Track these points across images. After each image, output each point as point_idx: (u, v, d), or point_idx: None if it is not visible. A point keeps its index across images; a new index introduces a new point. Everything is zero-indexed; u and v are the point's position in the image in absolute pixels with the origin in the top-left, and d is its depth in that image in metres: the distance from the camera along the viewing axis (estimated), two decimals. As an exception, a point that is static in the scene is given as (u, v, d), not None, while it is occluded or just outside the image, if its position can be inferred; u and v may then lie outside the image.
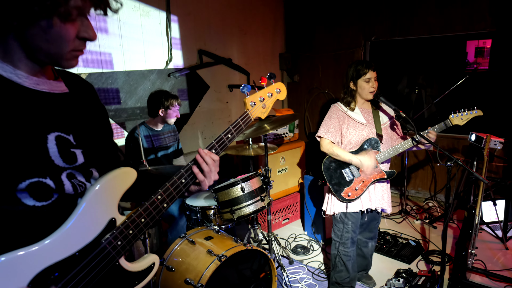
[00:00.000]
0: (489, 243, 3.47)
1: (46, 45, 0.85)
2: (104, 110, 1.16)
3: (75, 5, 0.83)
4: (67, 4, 0.82)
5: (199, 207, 2.71)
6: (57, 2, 0.80)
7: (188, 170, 1.13)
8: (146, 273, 1.08)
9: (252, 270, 2.32)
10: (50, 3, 0.79)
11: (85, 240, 0.93)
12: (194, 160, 1.15)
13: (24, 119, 0.87)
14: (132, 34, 3.64)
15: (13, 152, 0.84)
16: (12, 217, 0.85)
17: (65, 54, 0.88)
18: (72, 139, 0.96)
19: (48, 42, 0.84)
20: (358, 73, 2.43)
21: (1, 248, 0.82)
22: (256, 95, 1.30)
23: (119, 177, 1.00)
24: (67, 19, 0.84)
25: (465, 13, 3.99)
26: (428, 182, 4.69)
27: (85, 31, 0.88)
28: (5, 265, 0.81)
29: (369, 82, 2.43)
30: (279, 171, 4.09)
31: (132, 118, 3.71)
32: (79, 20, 0.87)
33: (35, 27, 0.82)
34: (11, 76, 0.87)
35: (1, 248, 0.82)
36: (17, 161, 0.84)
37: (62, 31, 0.84)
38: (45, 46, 0.85)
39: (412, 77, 5.62)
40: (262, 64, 5.25)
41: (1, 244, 0.83)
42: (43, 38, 0.83)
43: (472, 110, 2.43)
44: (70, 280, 0.90)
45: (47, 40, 0.84)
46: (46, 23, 0.82)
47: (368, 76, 2.42)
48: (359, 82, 2.45)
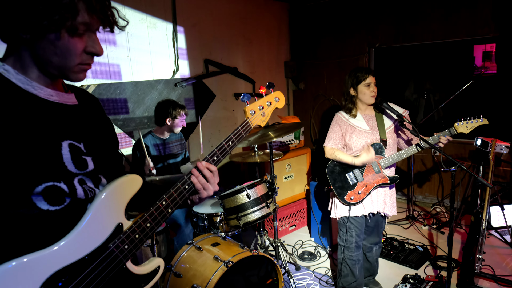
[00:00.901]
0: (497, 248, 3.44)
1: (55, 58, 0.90)
2: (109, 122, 1.22)
3: (82, 21, 0.89)
4: (74, 20, 0.88)
5: (206, 214, 2.75)
6: (65, 17, 0.86)
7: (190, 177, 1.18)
8: (152, 276, 1.12)
9: (258, 277, 2.34)
10: (58, 18, 0.85)
11: (94, 244, 0.97)
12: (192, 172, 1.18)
13: (40, 126, 0.93)
14: (140, 46, 3.73)
15: (31, 157, 0.89)
16: (27, 221, 0.90)
17: (73, 67, 0.94)
18: (82, 147, 1.02)
19: (56, 55, 0.90)
20: (358, 79, 2.49)
21: (15, 251, 0.86)
22: (256, 104, 1.34)
23: (126, 184, 1.05)
24: (74, 34, 0.90)
25: (469, 19, 4.01)
26: (436, 187, 4.67)
27: (92, 46, 0.94)
28: (18, 269, 0.85)
29: (369, 87, 2.49)
30: (285, 178, 4.12)
31: (140, 127, 3.79)
32: (86, 35, 0.93)
33: (45, 40, 0.88)
34: (28, 87, 0.93)
35: (15, 251, 0.86)
36: (35, 165, 0.90)
37: (69, 45, 0.90)
38: (54, 59, 0.91)
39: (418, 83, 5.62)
40: (267, 72, 5.31)
41: (16, 247, 0.88)
42: (52, 51, 0.89)
43: (478, 119, 2.40)
44: (80, 283, 0.94)
45: (56, 53, 0.90)
46: (55, 36, 0.88)
47: (368, 81, 2.48)
48: (359, 87, 2.50)
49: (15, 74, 0.91)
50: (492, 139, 3.23)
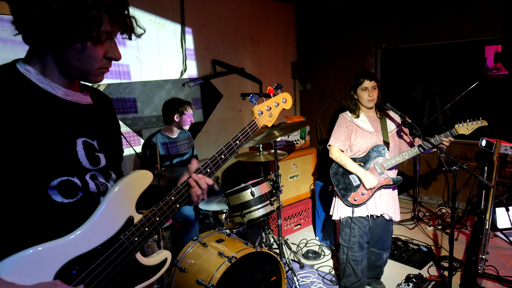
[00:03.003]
0: (502, 249, 3.45)
1: (78, 63, 0.97)
2: (117, 122, 1.28)
3: (105, 30, 0.96)
4: (99, 29, 0.94)
5: (211, 211, 2.81)
6: (91, 28, 0.92)
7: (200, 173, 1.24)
8: (159, 267, 1.18)
9: (263, 274, 2.40)
10: (85, 29, 0.92)
11: (106, 235, 1.04)
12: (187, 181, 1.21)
13: (57, 124, 0.99)
14: (149, 46, 3.81)
15: (48, 153, 0.96)
16: (43, 212, 0.97)
17: (93, 71, 1.01)
18: (96, 144, 1.09)
19: (80, 61, 0.97)
20: (356, 82, 2.54)
21: (32, 240, 0.93)
22: (263, 105, 1.39)
23: (137, 179, 1.11)
24: (97, 42, 0.96)
25: (476, 20, 4.01)
26: (441, 188, 4.68)
27: (112, 52, 1.02)
28: (34, 256, 0.92)
29: (365, 91, 2.52)
30: (291, 177, 4.16)
31: (149, 126, 3.87)
32: (107, 42, 1.00)
33: (71, 48, 0.94)
34: (47, 87, 0.99)
35: (32, 241, 0.93)
36: (51, 160, 0.97)
37: (93, 52, 0.97)
38: (77, 64, 0.98)
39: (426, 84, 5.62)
40: (274, 73, 5.36)
41: (32, 237, 0.95)
42: (76, 58, 0.96)
43: (477, 120, 2.47)
44: (93, 271, 1.00)
45: (79, 59, 0.97)
46: (81, 45, 0.95)
47: (364, 85, 2.51)
48: (357, 91, 2.55)
49: (35, 74, 0.98)
50: (496, 139, 3.24)
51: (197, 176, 1.21)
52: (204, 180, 1.22)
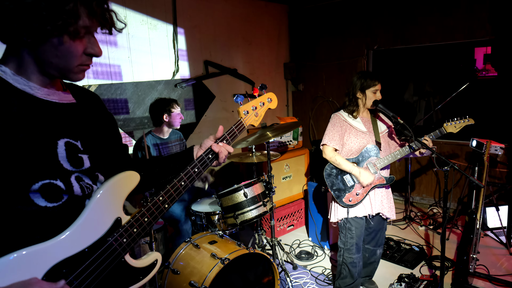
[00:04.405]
0: (493, 249, 3.48)
1: (56, 60, 0.94)
2: (111, 118, 1.25)
3: (83, 25, 0.93)
4: (76, 24, 0.91)
5: (204, 213, 2.80)
6: (68, 22, 0.89)
7: (188, 173, 1.22)
8: (150, 269, 1.16)
9: (256, 275, 2.38)
10: (61, 23, 0.88)
11: (94, 237, 1.02)
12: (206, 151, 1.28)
13: (36, 126, 0.96)
14: (140, 47, 3.78)
15: (27, 156, 0.92)
16: (26, 217, 0.94)
17: (73, 68, 0.97)
18: (79, 145, 1.05)
19: (58, 57, 0.94)
20: (368, 84, 2.52)
21: (17, 244, 0.90)
22: (249, 104, 1.39)
23: (123, 180, 1.09)
24: (76, 37, 0.93)
25: (466, 22, 4.05)
26: (433, 188, 4.71)
27: (92, 48, 0.98)
28: (19, 260, 0.89)
29: (376, 93, 2.54)
30: (284, 178, 4.16)
31: (140, 128, 3.84)
32: (86, 38, 0.97)
33: (47, 44, 0.91)
34: (25, 88, 0.96)
35: (17, 245, 0.90)
36: (31, 163, 0.93)
37: (71, 48, 0.94)
38: (55, 61, 0.94)
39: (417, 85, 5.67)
40: (267, 74, 5.36)
41: (17, 242, 0.92)
42: (53, 54, 0.93)
43: (464, 119, 2.60)
44: (80, 274, 0.98)
45: (57, 55, 0.93)
46: (57, 40, 0.91)
47: (376, 87, 2.53)
48: (367, 92, 2.54)
49: (12, 75, 0.94)
50: (486, 140, 3.28)
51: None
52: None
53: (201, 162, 1.26)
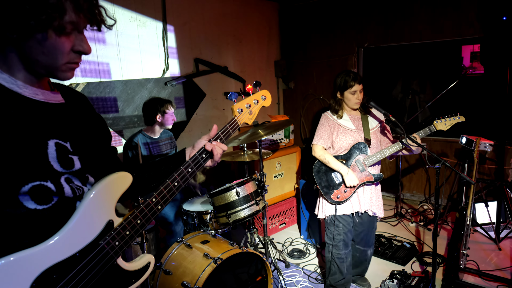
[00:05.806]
0: (482, 244, 3.53)
1: (42, 57, 0.90)
2: (99, 118, 1.22)
3: (69, 20, 0.90)
4: (61, 19, 0.88)
5: (196, 212, 2.77)
6: (52, 17, 0.86)
7: (181, 173, 1.19)
8: (142, 272, 1.14)
9: (248, 274, 2.37)
10: (45, 18, 0.85)
11: (85, 241, 0.99)
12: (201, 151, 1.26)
13: (25, 126, 0.92)
14: (129, 44, 3.72)
15: (16, 157, 0.89)
16: (15, 220, 0.90)
17: (61, 66, 0.94)
18: (69, 146, 1.02)
19: (44, 54, 0.90)
20: (345, 85, 2.52)
21: (5, 249, 0.87)
22: (243, 102, 1.37)
23: (115, 181, 1.06)
24: (62, 33, 0.90)
25: (455, 20, 4.09)
26: (423, 185, 4.76)
27: (80, 45, 0.95)
28: (10, 265, 0.86)
29: (354, 94, 2.53)
30: (275, 176, 4.15)
31: (130, 126, 3.78)
32: (74, 34, 0.93)
33: (32, 40, 0.88)
34: (13, 86, 0.92)
35: (5, 250, 0.87)
36: (20, 165, 0.90)
37: (57, 44, 0.90)
38: (42, 58, 0.91)
39: (406, 83, 5.71)
40: (257, 71, 5.34)
41: (6, 246, 0.89)
42: (39, 51, 0.89)
43: (455, 116, 2.54)
44: (72, 279, 0.95)
45: (43, 52, 0.90)
46: (42, 36, 0.87)
47: (354, 89, 2.51)
48: (345, 93, 2.55)
49: None
50: (476, 137, 3.31)
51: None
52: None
53: (195, 162, 1.23)
